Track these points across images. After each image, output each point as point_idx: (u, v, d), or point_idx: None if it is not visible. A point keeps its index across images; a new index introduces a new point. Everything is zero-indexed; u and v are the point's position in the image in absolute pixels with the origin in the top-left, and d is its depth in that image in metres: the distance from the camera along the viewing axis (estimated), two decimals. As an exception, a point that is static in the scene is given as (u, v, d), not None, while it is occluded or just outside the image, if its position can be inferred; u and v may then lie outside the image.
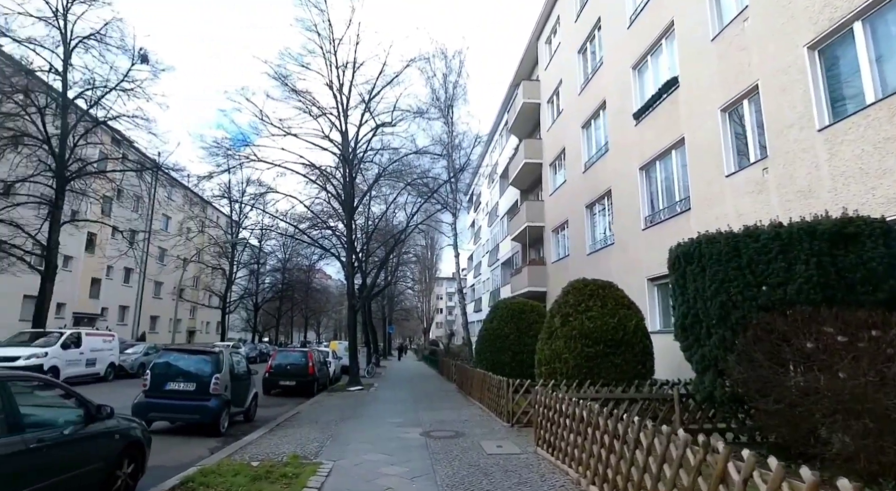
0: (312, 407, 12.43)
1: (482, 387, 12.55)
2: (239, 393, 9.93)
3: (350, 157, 18.29)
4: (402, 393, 16.04)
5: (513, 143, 29.05)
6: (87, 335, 17.50)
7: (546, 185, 22.58)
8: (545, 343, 10.21)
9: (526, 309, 15.05)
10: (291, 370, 15.76)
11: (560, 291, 10.92)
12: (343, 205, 18.67)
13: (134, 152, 24.87)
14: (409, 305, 61.31)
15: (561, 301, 10.34)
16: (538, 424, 7.41)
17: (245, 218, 38.71)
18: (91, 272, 33.80)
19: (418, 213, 22.20)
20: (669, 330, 12.34)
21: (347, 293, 19.35)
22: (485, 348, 15.06)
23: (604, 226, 16.56)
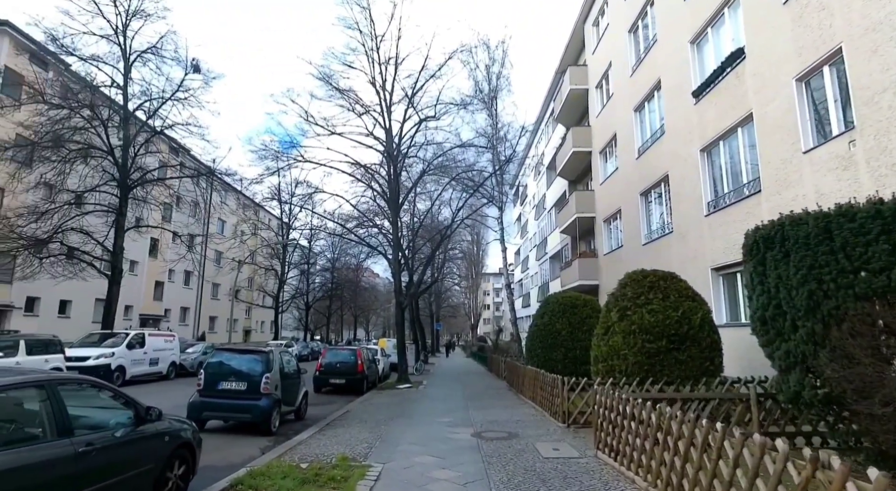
0: (362, 405, 12.34)
1: (534, 385, 12.06)
2: (289, 392, 9.92)
3: (394, 153, 18.15)
4: (451, 391, 15.76)
5: (559, 132, 28.15)
6: (150, 336, 18.27)
7: (596, 174, 21.65)
8: (601, 339, 9.61)
9: (578, 303, 14.40)
10: (341, 368, 15.80)
11: (614, 284, 10.28)
12: (388, 202, 18.58)
13: (189, 159, 25.88)
14: (456, 301, 61.16)
15: (618, 294, 9.69)
16: (598, 426, 6.89)
17: (295, 219, 39.65)
18: (154, 276, 35.62)
19: (464, 208, 21.80)
20: (737, 323, 11.44)
21: (395, 291, 19.27)
22: (535, 345, 14.53)
23: (660, 214, 15.61)
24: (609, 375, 9.08)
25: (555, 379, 9.83)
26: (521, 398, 13.60)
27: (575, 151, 22.40)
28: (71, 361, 15.06)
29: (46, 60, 21.35)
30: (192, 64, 21.40)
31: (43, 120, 18.88)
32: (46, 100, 18.97)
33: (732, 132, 11.43)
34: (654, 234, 15.82)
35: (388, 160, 18.30)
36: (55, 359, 13.88)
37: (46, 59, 21.36)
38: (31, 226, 18.87)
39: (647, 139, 16.32)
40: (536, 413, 10.78)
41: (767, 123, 9.97)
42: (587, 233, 23.16)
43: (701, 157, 12.65)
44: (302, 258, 46.83)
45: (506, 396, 14.45)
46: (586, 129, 22.51)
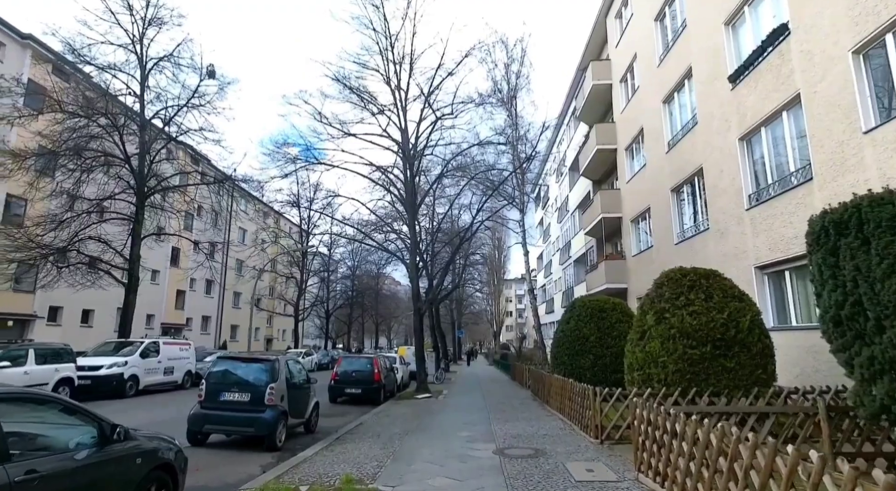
0: (377, 417, 11.60)
1: (562, 395, 11.15)
2: (298, 403, 9.25)
3: (410, 153, 17.53)
4: (472, 401, 14.91)
5: (582, 131, 27.22)
6: (165, 344, 17.94)
7: (622, 171, 20.65)
8: (636, 345, 8.69)
9: (607, 307, 13.46)
10: (357, 377, 15.13)
11: (643, 286, 9.39)
12: (405, 204, 17.94)
13: (206, 166, 25.74)
14: (477, 308, 60.21)
15: (653, 295, 8.77)
16: (639, 445, 6.00)
17: (314, 227, 39.43)
18: (176, 285, 35.74)
19: (484, 211, 21.02)
20: (786, 327, 10.34)
21: (412, 296, 18.56)
22: (562, 352, 13.60)
23: (694, 210, 14.56)
24: (646, 385, 8.16)
25: (585, 389, 8.93)
26: (547, 409, 12.68)
27: (599, 149, 21.44)
28: (84, 370, 14.77)
29: (66, 71, 21.45)
30: (208, 70, 21.27)
31: (61, 129, 18.90)
32: (64, 109, 19.00)
33: (776, 117, 10.42)
34: (687, 232, 14.77)
35: (404, 161, 17.69)
36: (66, 368, 13.56)
37: (66, 69, 21.47)
38: (50, 235, 18.85)
39: (677, 132, 15.32)
40: (565, 426, 9.87)
41: (818, 104, 8.97)
42: (614, 234, 22.11)
43: (740, 147, 11.64)
44: (322, 266, 46.63)
45: (530, 406, 13.54)
46: (610, 126, 21.56)
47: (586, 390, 8.81)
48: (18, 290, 23.80)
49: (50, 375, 12.99)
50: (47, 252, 17.76)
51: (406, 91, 17.68)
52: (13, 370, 12.02)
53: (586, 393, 8.79)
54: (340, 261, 52.33)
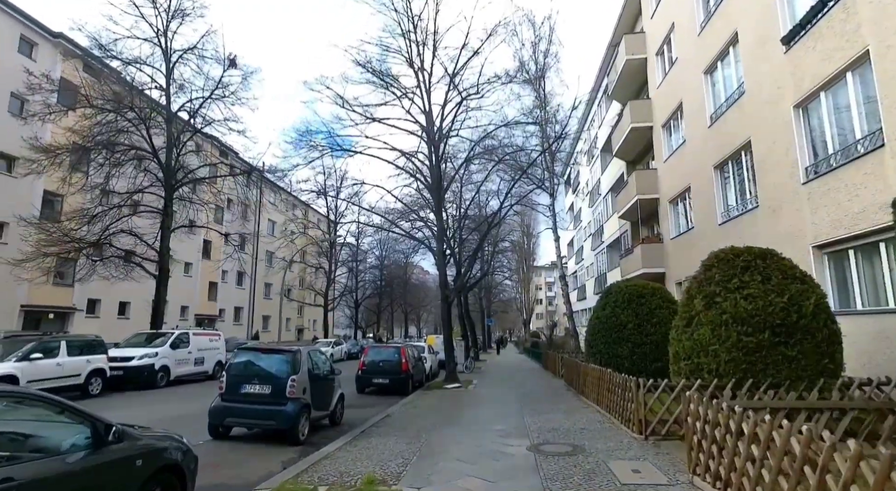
0: (404, 409, 11.20)
1: (599, 386, 10.49)
2: (321, 395, 8.90)
3: (435, 136, 16.93)
4: (503, 391, 14.37)
5: (614, 110, 26.02)
6: (195, 335, 18.03)
7: (659, 150, 19.54)
8: (682, 332, 7.96)
9: (646, 292, 12.66)
10: (384, 367, 14.79)
11: (683, 270, 8.58)
12: (431, 190, 17.39)
13: (233, 157, 25.75)
14: (507, 296, 59.49)
15: (701, 278, 8.00)
16: (694, 444, 5.34)
17: (341, 217, 39.40)
18: (208, 277, 36.31)
19: (512, 195, 20.26)
20: (849, 311, 9.35)
21: (440, 284, 18.07)
22: (597, 340, 12.90)
23: (741, 187, 13.52)
24: (694, 376, 7.45)
25: (626, 380, 8.25)
26: (582, 400, 12.04)
27: (634, 127, 20.34)
28: (115, 361, 14.90)
29: (94, 67, 21.64)
30: (230, 59, 21.12)
31: (91, 124, 19.08)
32: (93, 104, 19.17)
33: (838, 79, 9.36)
34: (733, 211, 13.74)
35: (428, 145, 17.10)
36: (97, 360, 13.65)
37: (94, 65, 21.66)
38: (83, 229, 19.14)
39: (720, 104, 14.22)
40: (603, 419, 9.23)
41: (892, 60, 7.92)
42: (650, 217, 21.05)
43: (795, 115, 10.58)
44: (350, 256, 46.74)
45: (565, 397, 12.92)
46: (645, 103, 20.40)
47: (628, 381, 8.14)
48: (58, 283, 24.48)
49: (82, 367, 13.09)
50: (80, 246, 18.00)
51: (430, 72, 17.05)
52: (46, 362, 12.13)
53: (628, 384, 8.12)
54: (369, 251, 52.41)
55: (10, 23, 22.93)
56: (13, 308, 22.31)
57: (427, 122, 16.87)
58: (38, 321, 23.66)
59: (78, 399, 12.78)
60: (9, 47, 22.71)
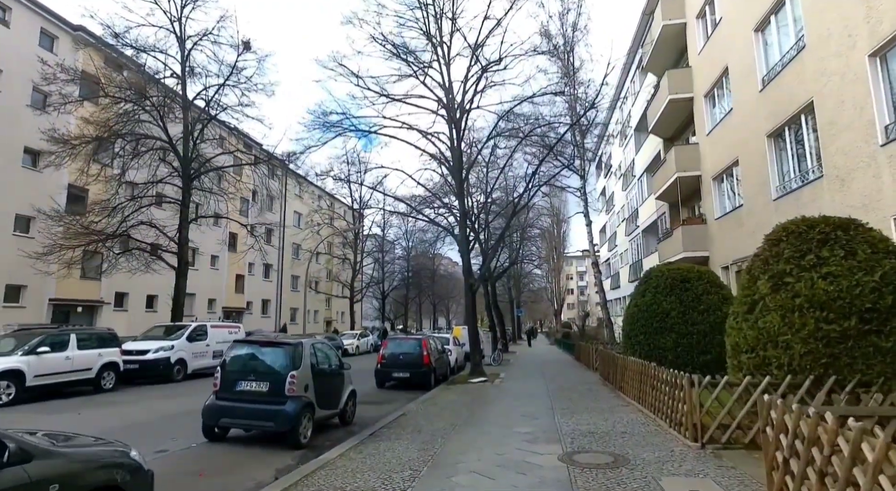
0: (423, 406, 10.27)
1: (641, 382, 9.31)
2: (328, 393, 8.05)
3: (455, 112, 15.83)
4: (532, 386, 13.29)
5: (649, 84, 24.29)
6: (213, 327, 17.57)
7: (700, 123, 17.90)
8: (743, 320, 6.74)
9: (691, 276, 11.35)
10: (405, 360, 13.91)
11: (730, 253, 7.32)
12: (452, 172, 16.34)
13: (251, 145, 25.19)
14: (537, 286, 58.02)
15: (767, 255, 6.75)
16: (776, 464, 4.17)
17: (366, 206, 38.78)
18: (235, 269, 36.28)
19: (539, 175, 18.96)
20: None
21: (463, 272, 17.05)
22: (636, 330, 11.66)
23: (800, 156, 11.95)
24: (761, 371, 6.24)
25: (675, 377, 7.07)
26: (621, 397, 10.86)
27: (672, 99, 18.70)
28: (131, 354, 14.53)
29: (111, 57, 21.39)
30: (244, 42, 20.47)
31: (109, 115, 18.80)
32: (108, 93, 18.87)
33: (930, 16, 7.81)
34: (791, 183, 12.18)
35: (448, 123, 16.02)
36: (109, 353, 13.24)
37: (110, 55, 21.41)
38: (104, 221, 18.93)
39: (774, 64, 12.61)
40: (647, 421, 8.06)
41: None
42: (691, 196, 19.43)
43: (871, 66, 9.04)
44: (375, 246, 46.21)
45: (600, 393, 11.74)
46: (685, 72, 18.74)
47: (678, 378, 6.96)
48: (86, 277, 24.59)
49: (93, 361, 12.69)
50: (99, 238, 17.75)
51: (449, 45, 15.91)
52: (54, 356, 11.73)
53: (678, 381, 6.93)
54: (395, 241, 51.81)
55: (31, 17, 22.89)
56: (42, 302, 22.48)
57: (447, 98, 15.78)
58: (66, 315, 23.84)
59: (90, 394, 12.39)
60: (30, 41, 22.68)
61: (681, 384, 6.70)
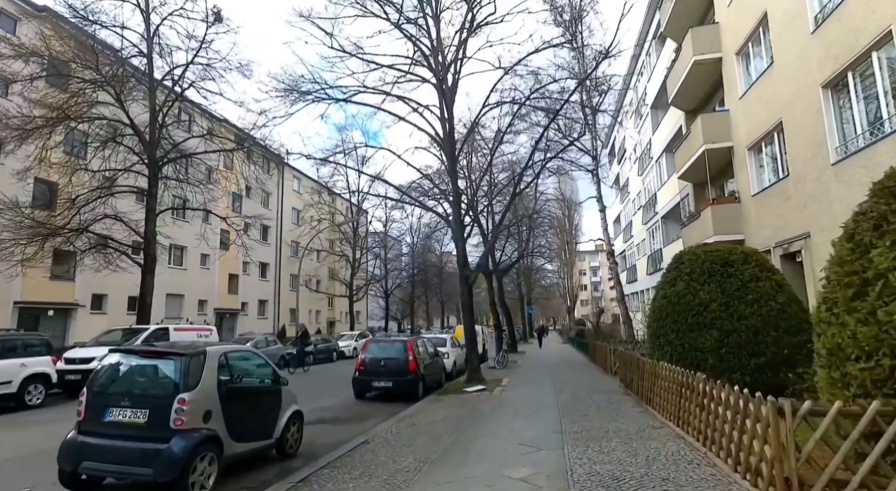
0: (397, 428, 8.06)
1: (680, 396, 7.00)
2: (251, 419, 5.90)
3: (444, 72, 13.59)
4: (539, 396, 10.99)
5: (668, 53, 21.84)
6: (177, 330, 15.57)
7: (732, 85, 15.45)
8: (847, 311, 4.45)
9: (734, 259, 9.03)
10: (387, 367, 11.70)
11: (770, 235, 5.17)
12: (443, 145, 14.11)
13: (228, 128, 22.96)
14: (548, 282, 55.59)
15: (882, 210, 4.42)
16: None
17: (364, 198, 36.67)
18: (228, 269, 34.42)
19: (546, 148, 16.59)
20: None
21: (457, 262, 14.84)
22: (665, 327, 9.34)
23: (870, 106, 9.52)
24: (889, 389, 3.94)
25: (746, 400, 4.72)
26: (650, 413, 8.55)
27: (697, 61, 16.27)
28: (74, 362, 12.56)
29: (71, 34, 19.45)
30: (214, 13, 18.38)
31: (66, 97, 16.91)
32: (64, 73, 16.96)
33: None
34: (857, 141, 9.75)
35: (438, 87, 13.77)
36: (37, 362, 11.23)
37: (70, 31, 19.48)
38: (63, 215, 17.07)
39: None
40: (696, 456, 5.73)
41: None
42: (720, 173, 17.01)
43: None
44: (377, 243, 44.17)
45: (623, 406, 9.43)
46: (711, 28, 16.29)
47: (751, 402, 4.61)
48: (58, 277, 22.84)
49: (14, 372, 10.69)
50: (49, 232, 15.82)
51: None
52: (-41, 367, 9.73)
53: (752, 409, 4.57)
54: (399, 237, 49.74)
55: (-10, -2, 21.11)
56: (6, 304, 20.69)
57: (434, 59, 13.52)
58: (36, 319, 22.08)
59: (11, 412, 10.40)
60: (-12, 23, 20.90)
61: (758, 413, 4.37)
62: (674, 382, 7.23)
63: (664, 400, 7.87)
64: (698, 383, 6.06)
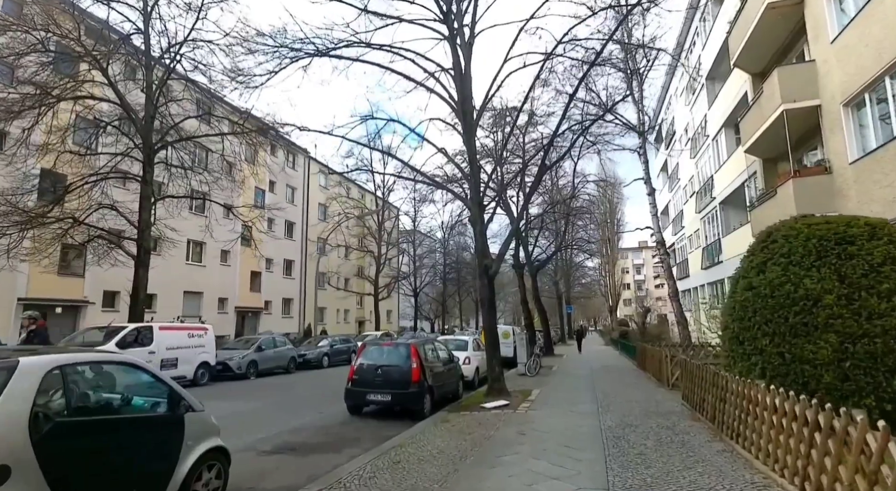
0: (373, 467, 5.78)
1: (809, 443, 4.42)
2: (119, 470, 3.77)
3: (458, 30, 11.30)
4: (576, 419, 8.48)
5: (724, 19, 18.75)
6: (162, 330, 13.89)
7: (820, 29, 12.42)
8: None
9: (855, 233, 6.47)
10: (385, 377, 9.44)
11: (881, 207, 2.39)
12: (457, 111, 11.79)
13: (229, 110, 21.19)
14: (587, 280, 52.23)
15: None
16: None
17: (389, 191, 34.77)
18: (249, 266, 33.16)
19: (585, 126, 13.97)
20: None
21: (476, 249, 12.43)
22: (752, 330, 6.78)
23: None
24: None
25: None
26: (737, 453, 5.95)
27: (770, 4, 13.29)
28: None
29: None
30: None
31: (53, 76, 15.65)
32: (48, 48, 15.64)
33: None
34: None
35: (451, 43, 11.47)
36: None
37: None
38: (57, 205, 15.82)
39: None
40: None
41: None
42: (804, 139, 13.94)
43: None
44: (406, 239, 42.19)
45: (694, 440, 6.81)
46: (789, -39, 13.26)
47: None
48: (66, 274, 21.90)
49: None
50: (26, 219, 14.46)
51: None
52: None
53: None
54: (429, 233, 47.63)
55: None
56: (10, 302, 19.78)
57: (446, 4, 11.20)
58: (43, 316, 21.06)
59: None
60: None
61: None
62: (797, 421, 4.63)
63: (765, 436, 5.27)
64: (865, 435, 3.46)
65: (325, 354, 22.32)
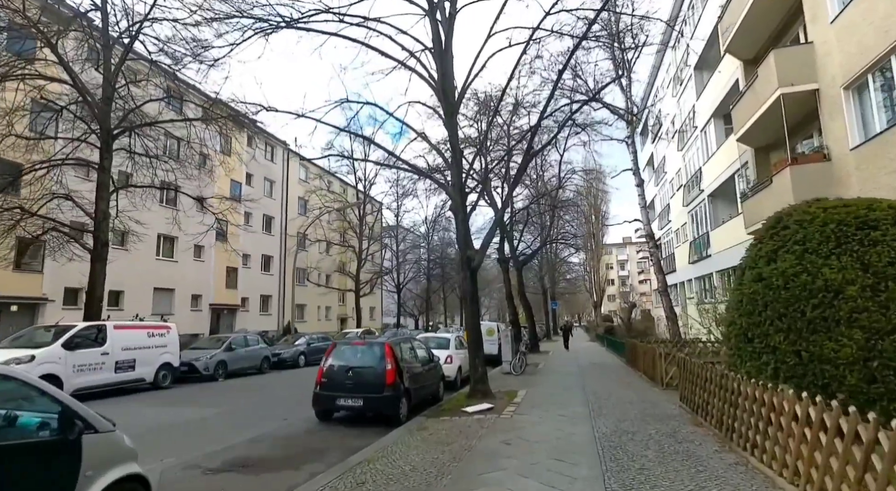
0: (335, 487, 4.90)
1: (865, 469, 3.67)
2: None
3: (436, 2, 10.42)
4: (566, 424, 7.70)
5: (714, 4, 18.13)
6: (117, 329, 12.77)
7: (819, 9, 11.78)
8: None
9: (878, 217, 5.85)
10: (357, 379, 8.56)
11: None
12: (437, 91, 10.91)
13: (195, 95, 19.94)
14: (573, 275, 51.81)
15: None
16: None
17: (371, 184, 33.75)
18: (225, 262, 31.83)
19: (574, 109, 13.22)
20: None
21: (458, 241, 11.61)
22: (763, 325, 6.07)
23: None
24: None
25: None
26: (752, 466, 5.22)
27: (766, -17, 12.67)
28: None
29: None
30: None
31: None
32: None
33: None
34: None
35: (431, 18, 10.58)
36: None
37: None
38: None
39: None
40: None
41: None
42: (800, 125, 13.36)
43: None
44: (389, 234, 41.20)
45: (700, 450, 6.06)
46: (787, -62, 12.64)
47: None
48: (22, 269, 20.50)
49: None
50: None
51: None
52: None
53: None
54: (412, 228, 46.73)
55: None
56: (-42, 299, 18.41)
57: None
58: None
59: None
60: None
61: None
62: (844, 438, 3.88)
63: (797, 456, 4.52)
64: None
65: (301, 353, 21.31)
